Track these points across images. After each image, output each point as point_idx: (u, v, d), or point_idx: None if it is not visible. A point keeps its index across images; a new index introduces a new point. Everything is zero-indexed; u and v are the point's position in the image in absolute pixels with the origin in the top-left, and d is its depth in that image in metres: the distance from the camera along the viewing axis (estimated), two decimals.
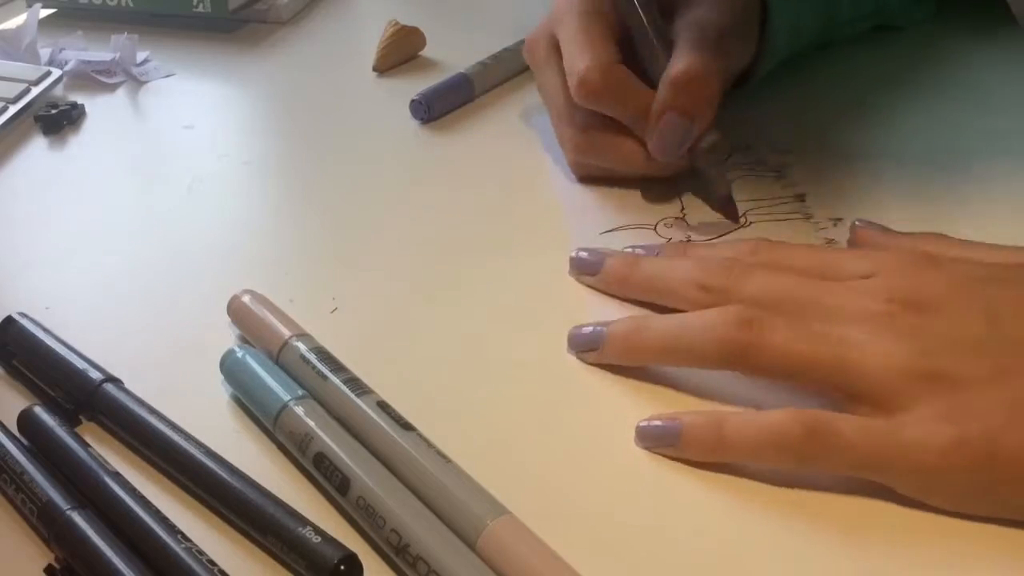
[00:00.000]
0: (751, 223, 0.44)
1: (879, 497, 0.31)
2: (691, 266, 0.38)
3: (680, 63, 0.43)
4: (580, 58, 0.44)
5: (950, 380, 0.30)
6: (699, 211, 0.46)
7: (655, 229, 0.44)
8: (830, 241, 0.43)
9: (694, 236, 0.44)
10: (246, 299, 0.39)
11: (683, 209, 0.46)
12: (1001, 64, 0.56)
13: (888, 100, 0.53)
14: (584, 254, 0.41)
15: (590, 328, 0.37)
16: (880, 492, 0.31)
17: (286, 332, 0.37)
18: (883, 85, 0.55)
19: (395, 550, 0.29)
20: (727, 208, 0.45)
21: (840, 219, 0.44)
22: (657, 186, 0.47)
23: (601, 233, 0.45)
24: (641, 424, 0.34)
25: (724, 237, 0.44)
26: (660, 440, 0.33)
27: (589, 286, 0.41)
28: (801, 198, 0.46)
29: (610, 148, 0.46)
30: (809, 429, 0.31)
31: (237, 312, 0.39)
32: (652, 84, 0.44)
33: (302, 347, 0.36)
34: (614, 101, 0.45)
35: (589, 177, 0.49)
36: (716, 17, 0.45)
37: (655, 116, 0.43)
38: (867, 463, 0.31)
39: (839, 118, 0.52)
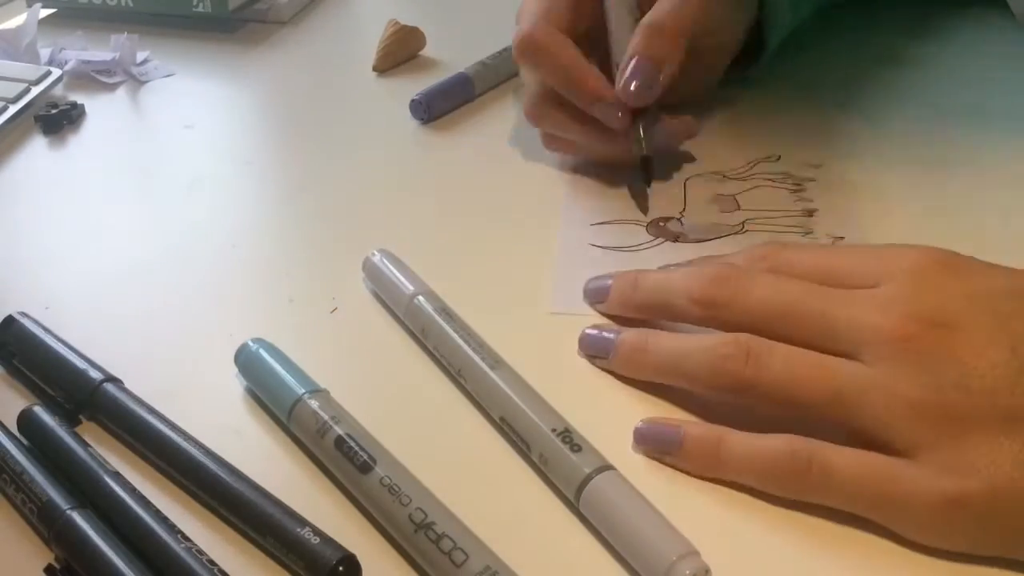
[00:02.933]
0: (747, 231, 0.44)
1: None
2: (688, 279, 0.35)
3: (651, 15, 0.45)
4: (526, 21, 0.46)
5: (959, 423, 0.28)
6: (700, 213, 0.46)
7: (646, 227, 0.45)
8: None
9: (688, 235, 0.44)
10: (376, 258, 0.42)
11: (683, 210, 0.46)
12: None
13: (927, 123, 0.52)
14: (592, 293, 0.40)
15: (601, 334, 0.37)
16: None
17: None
18: (927, 107, 0.53)
19: (418, 527, 0.30)
20: (645, 168, 0.46)
21: (842, 237, 0.43)
22: (669, 186, 0.47)
23: (592, 224, 0.45)
24: (640, 427, 0.34)
25: (715, 241, 0.43)
26: (660, 446, 0.33)
27: (602, 314, 0.39)
28: (810, 213, 0.45)
29: (557, 113, 0.47)
30: (803, 461, 0.30)
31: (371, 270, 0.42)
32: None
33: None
34: (546, 60, 0.46)
35: (553, 147, 0.50)
36: None
37: (626, 60, 0.45)
38: (861, 504, 0.30)
39: (876, 134, 0.51)
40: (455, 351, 0.37)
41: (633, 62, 0.45)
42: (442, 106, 0.56)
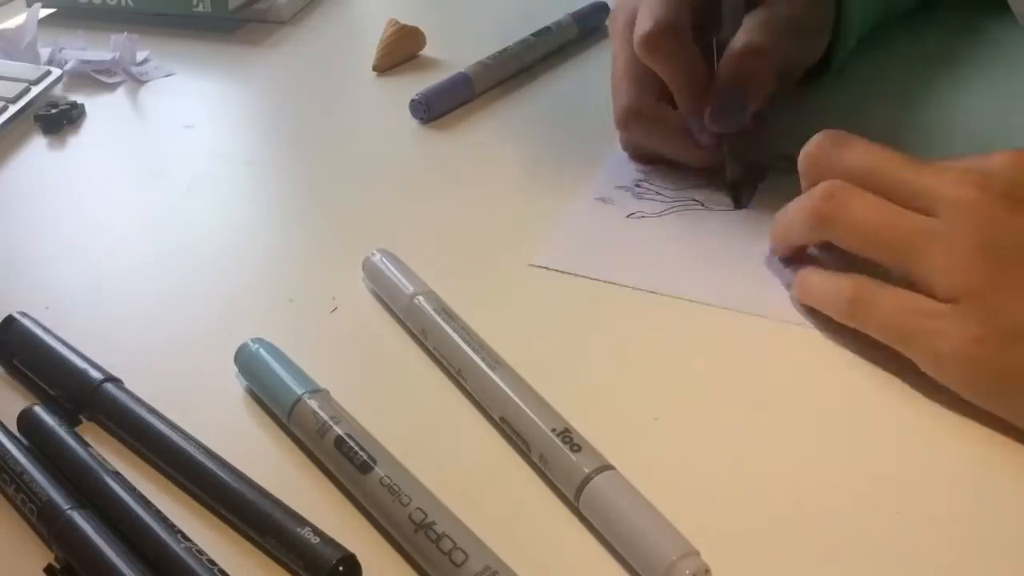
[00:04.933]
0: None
1: None
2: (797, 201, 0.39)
3: (740, 40, 0.46)
4: (651, 14, 0.45)
5: (1006, 281, 0.32)
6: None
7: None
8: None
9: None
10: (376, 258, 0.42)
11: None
12: None
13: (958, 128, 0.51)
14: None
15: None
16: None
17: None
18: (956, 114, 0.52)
19: (418, 527, 0.30)
20: (732, 193, 0.46)
21: None
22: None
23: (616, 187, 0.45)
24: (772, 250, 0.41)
25: (751, 211, 0.44)
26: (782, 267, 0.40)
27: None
28: None
29: (651, 125, 0.47)
30: (856, 295, 0.36)
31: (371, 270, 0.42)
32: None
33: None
34: (671, 61, 0.45)
35: (637, 158, 0.50)
36: (787, 8, 0.47)
37: (716, 86, 0.45)
38: (892, 336, 0.35)
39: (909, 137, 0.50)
40: (455, 351, 0.37)
41: (723, 90, 0.45)
42: (442, 106, 0.56)
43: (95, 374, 0.36)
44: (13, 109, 0.57)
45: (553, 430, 0.32)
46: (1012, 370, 0.32)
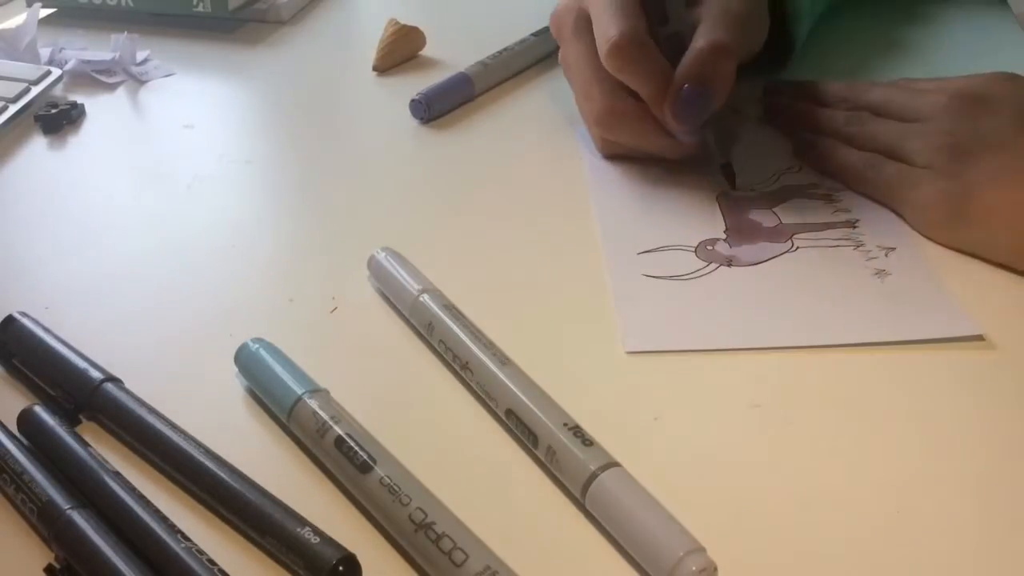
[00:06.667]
0: (797, 247, 0.43)
1: None
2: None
3: (704, 38, 0.46)
4: (614, 25, 0.45)
5: (961, 156, 0.43)
6: (744, 232, 0.45)
7: (694, 252, 0.43)
8: (879, 272, 0.42)
9: (741, 258, 0.43)
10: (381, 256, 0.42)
11: (726, 229, 0.45)
12: None
13: None
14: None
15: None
16: None
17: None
18: None
19: (418, 527, 0.30)
20: (727, 175, 0.47)
21: (893, 248, 0.43)
22: (701, 203, 0.47)
23: (639, 253, 0.43)
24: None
25: (770, 262, 0.43)
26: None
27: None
28: (852, 224, 0.45)
29: (631, 124, 0.48)
30: (867, 164, 0.46)
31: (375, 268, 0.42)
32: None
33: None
34: (640, 71, 0.46)
35: (614, 155, 0.50)
36: (736, 3, 0.48)
37: (676, 86, 0.45)
38: (888, 194, 0.45)
39: None
40: (462, 345, 0.36)
41: (686, 88, 0.45)
42: (442, 106, 0.56)
43: (95, 374, 0.36)
44: (13, 109, 0.57)
45: (564, 424, 0.32)
46: (963, 212, 0.42)
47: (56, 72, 0.60)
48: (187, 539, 0.30)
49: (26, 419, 0.35)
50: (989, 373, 0.36)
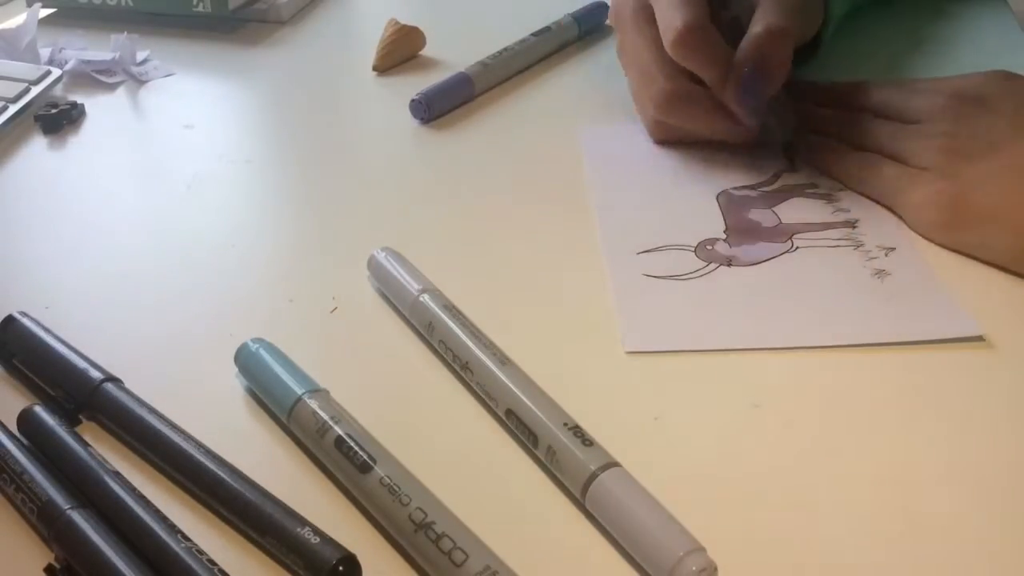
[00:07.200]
0: (797, 247, 0.43)
1: None
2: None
3: (761, 23, 0.47)
4: (679, 14, 0.46)
5: (958, 157, 0.43)
6: (744, 231, 0.46)
7: (694, 251, 0.43)
8: (879, 272, 0.42)
9: (741, 258, 0.43)
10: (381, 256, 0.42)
11: (726, 229, 0.45)
12: None
13: None
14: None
15: None
16: None
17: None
18: None
19: (418, 527, 0.30)
20: (788, 156, 0.50)
21: (893, 248, 0.43)
22: (701, 203, 0.47)
23: (638, 253, 0.43)
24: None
25: (769, 262, 0.43)
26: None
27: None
28: (852, 224, 0.45)
29: (694, 108, 0.49)
30: (866, 165, 0.46)
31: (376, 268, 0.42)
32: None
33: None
34: (706, 58, 0.47)
35: (665, 140, 0.51)
36: None
37: (736, 70, 0.46)
38: (887, 195, 0.46)
39: None
40: (462, 345, 0.36)
41: (748, 73, 0.46)
42: (442, 106, 0.56)
43: (95, 374, 0.36)
44: (13, 109, 0.57)
45: (564, 424, 0.32)
46: (961, 213, 0.42)
47: (56, 72, 0.60)
48: (187, 539, 0.30)
49: (26, 419, 0.35)
50: (989, 373, 0.36)
